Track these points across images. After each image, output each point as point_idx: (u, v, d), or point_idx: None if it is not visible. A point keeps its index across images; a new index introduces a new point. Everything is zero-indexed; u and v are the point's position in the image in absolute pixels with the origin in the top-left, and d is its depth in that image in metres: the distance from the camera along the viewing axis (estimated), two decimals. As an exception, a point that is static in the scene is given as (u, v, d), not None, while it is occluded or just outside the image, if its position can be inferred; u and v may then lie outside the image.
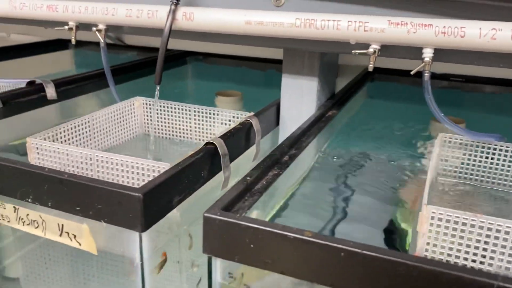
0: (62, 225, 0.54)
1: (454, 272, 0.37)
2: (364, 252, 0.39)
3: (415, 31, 0.61)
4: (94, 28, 0.83)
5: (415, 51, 0.64)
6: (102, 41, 0.83)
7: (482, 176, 0.73)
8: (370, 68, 0.66)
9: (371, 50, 0.64)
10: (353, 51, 0.65)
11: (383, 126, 1.10)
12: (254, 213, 0.53)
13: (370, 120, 1.11)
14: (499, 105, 1.13)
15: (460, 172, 0.74)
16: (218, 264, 0.47)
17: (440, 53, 0.63)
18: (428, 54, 0.62)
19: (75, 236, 0.54)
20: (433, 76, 0.89)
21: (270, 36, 0.69)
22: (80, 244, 0.54)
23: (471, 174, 0.74)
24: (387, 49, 0.65)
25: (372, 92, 1.23)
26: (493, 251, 0.49)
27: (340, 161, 0.89)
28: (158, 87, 0.76)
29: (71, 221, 0.53)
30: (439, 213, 0.49)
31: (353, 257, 0.39)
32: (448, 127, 0.67)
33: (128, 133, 0.88)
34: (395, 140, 1.01)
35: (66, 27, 0.85)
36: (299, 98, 0.84)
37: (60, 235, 0.55)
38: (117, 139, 0.86)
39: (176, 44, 1.08)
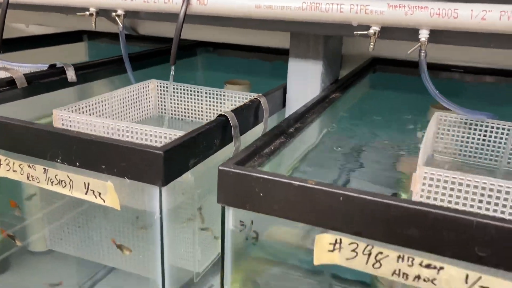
0: (88, 183, 0.59)
1: (439, 211, 0.42)
2: (360, 196, 0.44)
3: (412, 13, 0.66)
4: (113, 14, 0.88)
5: (412, 33, 0.69)
6: (121, 25, 0.89)
7: (475, 153, 0.78)
8: (371, 49, 0.71)
9: (371, 31, 0.70)
10: (355, 32, 0.70)
11: (385, 113, 1.15)
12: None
13: (372, 108, 1.16)
14: (497, 95, 1.18)
15: (455, 149, 0.79)
16: (231, 213, 0.52)
17: (435, 35, 0.68)
18: (424, 35, 0.67)
19: (100, 194, 0.59)
20: (434, 66, 0.95)
21: (278, 19, 0.75)
22: (104, 201, 0.59)
23: (465, 151, 0.78)
24: (386, 31, 0.70)
25: (375, 83, 1.28)
26: (479, 208, 0.54)
27: (343, 142, 0.94)
28: (173, 68, 0.81)
29: (96, 179, 0.59)
30: (431, 173, 0.55)
31: (351, 201, 0.45)
32: (443, 104, 0.72)
33: (143, 114, 0.94)
34: (396, 125, 1.06)
35: (87, 12, 0.91)
36: (305, 80, 0.89)
37: (86, 193, 0.60)
38: (132, 118, 0.91)
39: (187, 34, 1.14)
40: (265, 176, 0.48)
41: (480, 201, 0.53)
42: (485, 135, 0.77)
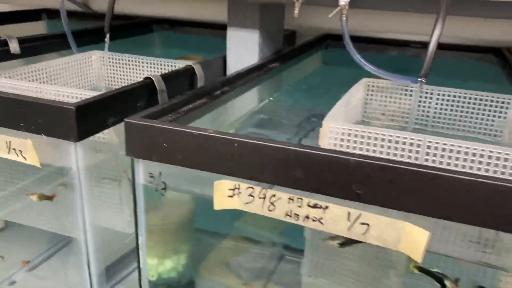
0: (10, 142, 0.61)
1: (319, 152, 0.44)
2: (252, 141, 0.46)
3: (330, -23, 0.68)
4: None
5: (335, -1, 0.72)
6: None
7: (403, 117, 0.81)
8: (296, 14, 0.73)
9: (295, -4, 0.72)
10: (279, -2, 0.73)
11: (331, 87, 1.17)
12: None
13: (318, 82, 1.18)
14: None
15: (383, 114, 0.82)
16: (141, 166, 0.54)
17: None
18: (343, -1, 0.70)
19: (21, 152, 0.60)
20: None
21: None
22: (25, 159, 0.60)
23: (393, 115, 0.81)
24: (311, -4, 0.73)
25: (326, 58, 1.31)
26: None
27: (284, 111, 0.96)
28: (108, 35, 0.82)
29: (17, 138, 0.60)
30: (336, 127, 0.57)
31: (244, 146, 0.47)
32: (366, 69, 0.75)
33: (85, 85, 0.95)
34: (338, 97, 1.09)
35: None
36: (243, 50, 0.91)
37: (8, 152, 0.61)
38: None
39: (143, 10, 1.15)
40: (167, 127, 0.50)
41: (384, 153, 0.56)
42: (410, 99, 0.80)
